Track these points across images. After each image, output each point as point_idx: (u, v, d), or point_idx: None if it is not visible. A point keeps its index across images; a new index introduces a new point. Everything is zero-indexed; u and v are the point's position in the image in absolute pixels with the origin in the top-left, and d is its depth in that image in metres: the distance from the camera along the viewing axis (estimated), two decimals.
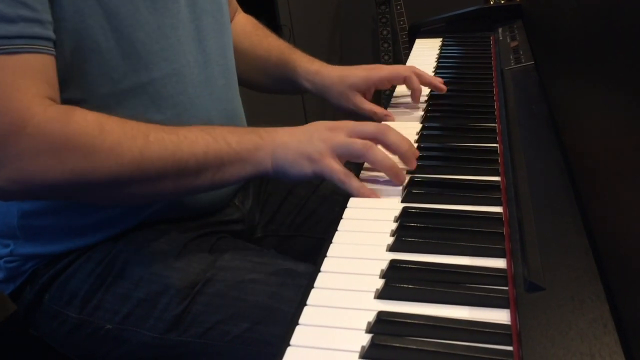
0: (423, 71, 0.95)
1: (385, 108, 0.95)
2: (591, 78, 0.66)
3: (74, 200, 0.72)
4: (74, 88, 0.69)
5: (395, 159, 0.71)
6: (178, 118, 0.75)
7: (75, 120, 0.62)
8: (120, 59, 0.70)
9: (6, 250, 0.77)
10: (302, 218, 0.97)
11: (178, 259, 0.74)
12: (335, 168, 0.67)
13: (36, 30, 0.62)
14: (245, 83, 1.02)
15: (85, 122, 0.63)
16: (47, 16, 0.63)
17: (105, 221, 0.75)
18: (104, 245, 0.75)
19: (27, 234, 0.75)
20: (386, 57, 2.16)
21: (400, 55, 2.13)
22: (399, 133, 0.71)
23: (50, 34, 0.64)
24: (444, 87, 0.94)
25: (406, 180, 0.70)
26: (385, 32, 2.15)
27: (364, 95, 0.94)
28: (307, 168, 0.68)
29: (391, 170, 0.69)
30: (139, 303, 0.72)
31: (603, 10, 0.67)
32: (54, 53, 0.65)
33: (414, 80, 0.93)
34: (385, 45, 2.16)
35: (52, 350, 0.79)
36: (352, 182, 0.68)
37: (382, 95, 2.28)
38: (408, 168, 0.72)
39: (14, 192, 0.63)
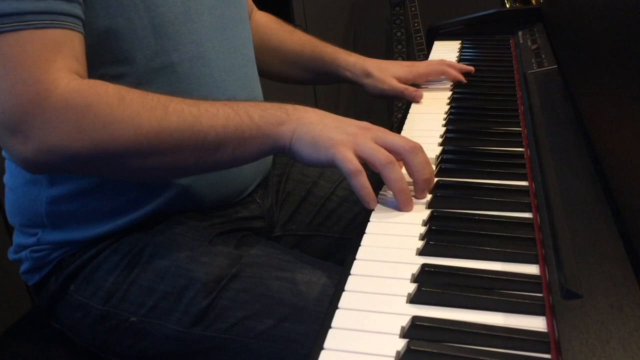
0: (452, 61, 1.05)
1: (405, 116, 0.95)
2: (622, 81, 0.65)
3: (97, 174, 0.72)
4: (109, 64, 0.70)
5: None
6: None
7: (95, 91, 0.63)
8: (152, 38, 0.71)
9: (33, 239, 0.77)
10: (321, 218, 0.97)
11: (204, 253, 0.74)
12: (348, 158, 0.64)
13: (63, 7, 0.62)
14: (277, 76, 1.06)
15: (106, 93, 0.63)
16: None
17: (131, 204, 0.75)
18: (130, 238, 0.76)
19: (55, 220, 0.76)
20: (400, 59, 2.15)
21: (414, 57, 2.12)
22: (427, 158, 0.68)
23: (78, 12, 0.65)
24: (472, 68, 1.04)
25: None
26: (399, 34, 2.14)
27: None
28: (322, 153, 0.65)
29: (402, 194, 0.65)
30: (164, 296, 0.72)
31: (632, 11, 0.67)
32: (81, 30, 0.65)
33: (450, 71, 1.02)
34: (399, 46, 2.15)
35: (72, 343, 0.79)
36: (358, 179, 0.64)
37: (394, 108, 2.28)
38: (416, 197, 0.67)
39: (41, 164, 0.63)
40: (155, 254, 0.74)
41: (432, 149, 0.79)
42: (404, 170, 0.67)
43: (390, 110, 2.39)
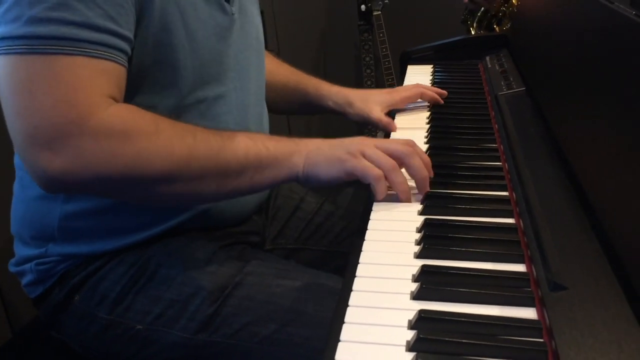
0: (426, 85, 1.13)
1: (388, 135, 1.02)
2: (586, 97, 0.73)
3: (119, 198, 0.74)
4: (147, 94, 0.74)
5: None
6: None
7: (133, 117, 0.66)
8: (190, 77, 0.76)
9: (40, 251, 0.79)
10: (308, 232, 1.01)
11: (209, 263, 0.78)
12: (368, 165, 0.71)
13: (117, 42, 0.67)
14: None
15: (143, 119, 0.66)
16: (129, 33, 0.68)
17: (144, 224, 0.78)
18: (136, 249, 0.79)
19: (66, 235, 0.78)
20: (369, 83, 2.23)
21: (382, 80, 2.21)
22: (424, 157, 0.75)
23: (127, 48, 0.69)
24: (445, 92, 1.10)
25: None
26: (368, 59, 2.22)
27: None
28: (338, 169, 0.71)
29: (405, 194, 0.73)
30: (171, 304, 0.75)
31: (593, 38, 0.75)
32: (126, 65, 0.69)
33: (427, 93, 1.07)
34: (368, 71, 2.23)
35: (73, 353, 0.80)
36: (383, 183, 0.71)
37: (365, 131, 2.34)
38: (419, 192, 0.75)
39: (64, 183, 0.64)
40: (162, 264, 0.77)
41: None
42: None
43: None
